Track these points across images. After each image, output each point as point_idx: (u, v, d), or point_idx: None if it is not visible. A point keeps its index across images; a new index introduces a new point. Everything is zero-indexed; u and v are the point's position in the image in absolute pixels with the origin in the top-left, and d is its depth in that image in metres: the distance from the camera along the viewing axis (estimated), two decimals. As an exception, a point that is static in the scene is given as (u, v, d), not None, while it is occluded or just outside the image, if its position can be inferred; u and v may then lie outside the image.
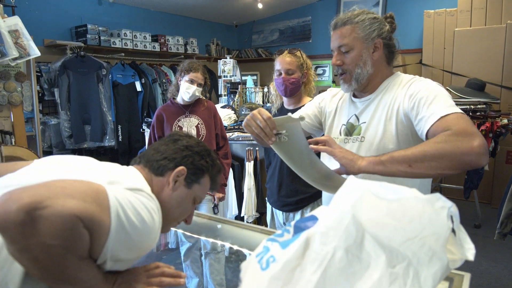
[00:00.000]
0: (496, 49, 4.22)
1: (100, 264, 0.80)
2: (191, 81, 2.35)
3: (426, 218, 0.60)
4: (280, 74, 1.95)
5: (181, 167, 0.98)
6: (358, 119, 1.33)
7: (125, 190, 0.81)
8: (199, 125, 2.42)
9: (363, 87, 1.32)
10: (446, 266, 0.59)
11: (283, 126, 1.06)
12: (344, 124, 1.37)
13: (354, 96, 1.38)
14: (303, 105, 2.01)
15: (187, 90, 2.34)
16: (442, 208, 0.60)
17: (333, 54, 1.31)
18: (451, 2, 4.75)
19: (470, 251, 0.62)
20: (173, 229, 1.63)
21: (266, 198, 2.22)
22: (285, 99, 2.07)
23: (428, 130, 1.09)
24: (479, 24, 4.44)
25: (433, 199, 0.61)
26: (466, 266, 0.68)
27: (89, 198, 0.73)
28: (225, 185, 2.58)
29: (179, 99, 2.44)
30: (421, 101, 1.14)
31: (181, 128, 2.39)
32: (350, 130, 1.34)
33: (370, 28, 1.25)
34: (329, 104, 1.48)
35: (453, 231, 0.62)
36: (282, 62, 1.95)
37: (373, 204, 0.61)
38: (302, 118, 1.10)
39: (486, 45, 4.28)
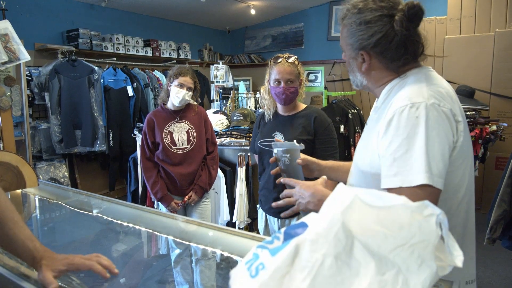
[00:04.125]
0: (485, 56, 4.29)
1: None
2: (181, 86, 2.34)
3: (415, 226, 0.60)
4: (279, 83, 1.92)
5: None
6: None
7: None
8: (189, 130, 2.41)
9: (367, 90, 1.12)
10: (435, 273, 0.59)
11: (288, 150, 1.25)
12: None
13: None
14: (299, 112, 2.02)
15: (176, 94, 2.34)
16: (431, 215, 0.61)
17: None
18: (441, 10, 4.83)
19: (458, 258, 0.62)
20: (163, 235, 1.62)
21: (258, 206, 2.20)
22: (279, 106, 2.05)
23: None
24: (468, 32, 4.52)
25: (422, 206, 0.61)
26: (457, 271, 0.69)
27: None
28: (206, 190, 2.49)
29: (169, 105, 2.43)
30: (389, 148, 0.90)
31: (171, 133, 2.38)
32: None
33: (354, 37, 1.00)
34: None
35: (442, 238, 0.62)
36: (281, 71, 1.92)
37: (362, 212, 0.61)
38: (301, 147, 1.24)
39: (475, 53, 4.35)
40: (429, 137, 0.86)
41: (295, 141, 1.21)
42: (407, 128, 0.88)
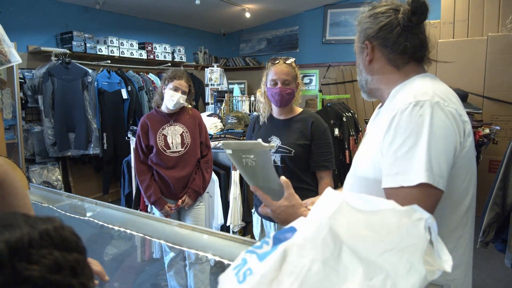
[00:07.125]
0: (478, 60, 4.31)
1: None
2: (175, 89, 2.33)
3: (403, 230, 0.60)
4: (276, 84, 1.90)
5: None
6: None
7: None
8: (183, 134, 2.40)
9: (375, 97, 1.11)
10: (423, 278, 0.59)
11: (251, 151, 1.01)
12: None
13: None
14: (295, 116, 2.00)
15: (171, 97, 2.33)
16: (420, 219, 0.60)
17: None
18: (435, 14, 4.86)
19: (447, 262, 0.62)
20: (156, 240, 1.61)
21: (252, 210, 2.19)
22: (275, 109, 2.03)
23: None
24: (461, 36, 4.55)
25: (410, 210, 0.61)
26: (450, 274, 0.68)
27: None
28: (200, 194, 2.47)
29: (163, 108, 2.43)
30: (391, 146, 0.89)
31: (165, 136, 2.37)
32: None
33: (362, 30, 1.06)
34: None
35: (431, 242, 0.62)
36: (278, 72, 1.90)
37: (350, 216, 0.60)
38: (271, 147, 1.02)
39: (468, 56, 4.38)
40: (433, 137, 0.85)
41: (259, 139, 1.00)
42: (410, 126, 0.87)
